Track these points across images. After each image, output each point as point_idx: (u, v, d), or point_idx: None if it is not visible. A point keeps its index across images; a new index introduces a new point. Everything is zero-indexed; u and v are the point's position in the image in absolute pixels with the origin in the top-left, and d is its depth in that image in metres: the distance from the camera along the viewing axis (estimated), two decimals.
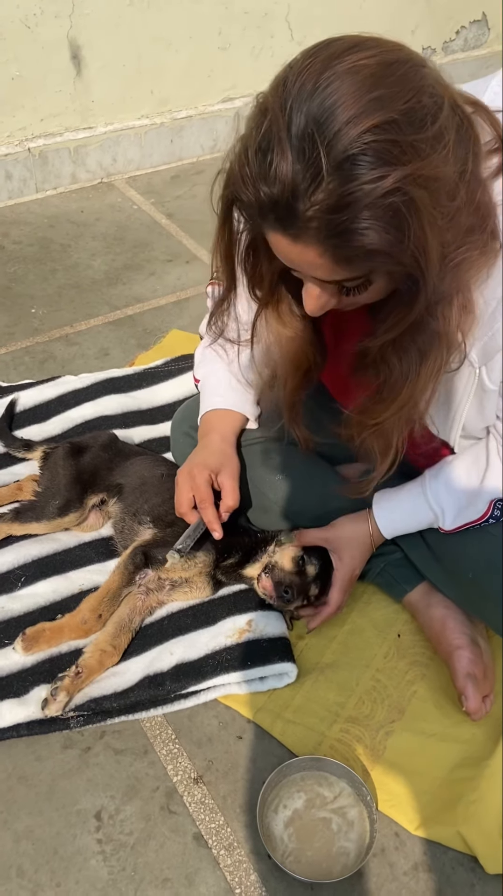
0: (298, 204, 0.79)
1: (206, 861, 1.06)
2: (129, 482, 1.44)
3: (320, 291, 0.92)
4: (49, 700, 1.16)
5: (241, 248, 0.98)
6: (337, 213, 0.78)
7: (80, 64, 2.53)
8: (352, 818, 1.09)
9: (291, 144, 0.77)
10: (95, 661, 1.22)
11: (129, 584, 1.30)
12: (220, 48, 2.79)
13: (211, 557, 1.32)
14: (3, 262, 2.32)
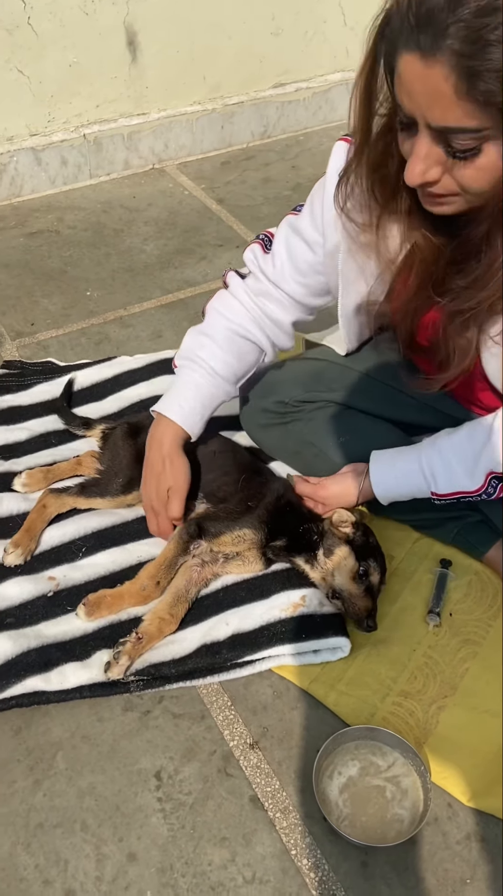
0: (442, 13, 0.82)
1: (263, 822, 1.09)
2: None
3: (428, 150, 0.92)
4: (112, 663, 1.21)
5: (373, 128, 1.01)
6: (478, 17, 0.80)
7: (136, 50, 2.56)
8: (406, 787, 1.11)
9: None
10: (154, 628, 1.26)
11: (184, 553, 1.34)
12: (272, 33, 2.80)
13: (259, 535, 1.35)
14: (59, 246, 2.37)
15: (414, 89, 0.88)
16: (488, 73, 0.82)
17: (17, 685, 1.19)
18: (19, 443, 1.63)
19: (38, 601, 1.32)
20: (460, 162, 0.91)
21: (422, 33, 0.83)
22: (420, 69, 0.85)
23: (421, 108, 0.89)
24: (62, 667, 1.21)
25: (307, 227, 1.28)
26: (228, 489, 1.42)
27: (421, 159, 0.92)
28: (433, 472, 1.28)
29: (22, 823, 1.09)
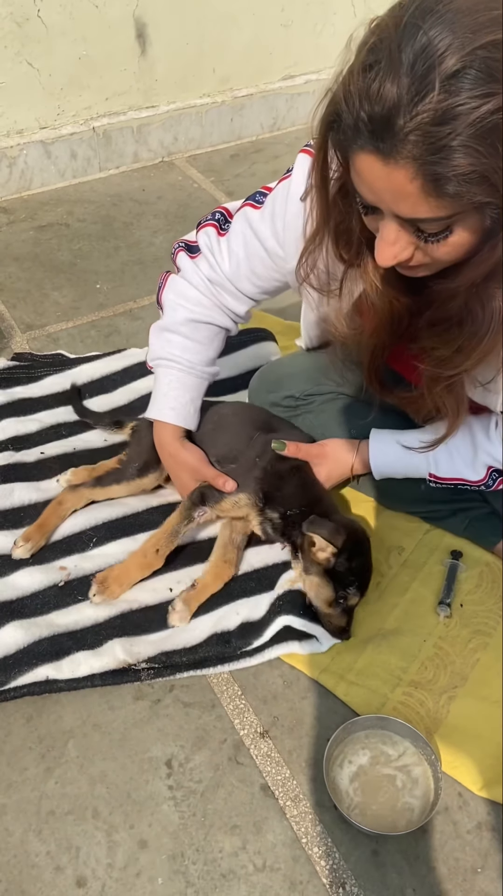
0: (398, 119, 0.77)
1: (273, 811, 1.09)
2: (199, 433, 1.46)
3: (397, 235, 0.89)
4: (170, 611, 1.28)
5: (331, 190, 0.98)
6: (438, 125, 0.75)
7: (145, 43, 2.56)
8: (417, 776, 1.11)
9: (401, 60, 0.76)
10: (210, 577, 1.32)
11: (187, 520, 1.34)
12: (282, 25, 2.79)
13: (254, 499, 1.34)
14: (69, 239, 2.38)
15: (377, 186, 0.85)
16: (456, 177, 0.78)
17: (29, 674, 1.19)
18: (30, 434, 1.64)
19: (49, 591, 1.32)
20: (431, 244, 0.88)
21: (378, 139, 0.79)
22: (381, 169, 0.82)
23: (387, 203, 0.86)
24: (74, 655, 1.22)
25: (267, 235, 1.24)
26: (238, 450, 1.41)
27: (390, 244, 0.90)
28: (436, 455, 1.28)
29: (34, 810, 1.09)
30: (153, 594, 1.33)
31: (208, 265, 1.33)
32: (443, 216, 0.84)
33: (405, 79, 0.75)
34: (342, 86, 0.82)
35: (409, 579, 1.40)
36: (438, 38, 0.74)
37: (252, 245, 1.27)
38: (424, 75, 0.75)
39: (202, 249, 1.34)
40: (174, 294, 1.38)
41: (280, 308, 2.08)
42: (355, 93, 0.80)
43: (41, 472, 1.54)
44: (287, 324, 2.00)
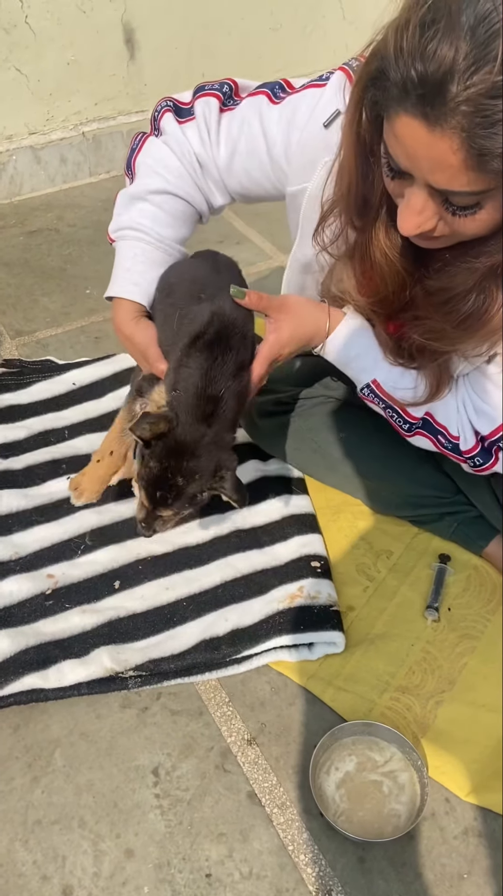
0: (451, 85, 0.74)
1: (260, 818, 1.09)
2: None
3: (425, 204, 0.86)
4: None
5: (363, 145, 0.92)
6: (493, 98, 0.73)
7: (134, 47, 2.56)
8: (403, 782, 1.11)
9: (461, 21, 0.72)
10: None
11: (130, 415, 1.29)
12: (271, 29, 2.79)
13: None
14: (59, 244, 2.38)
15: (416, 153, 0.82)
16: (499, 154, 0.77)
17: (16, 683, 1.19)
18: (18, 441, 1.63)
19: (36, 599, 1.32)
20: (459, 217, 0.86)
21: (427, 103, 0.76)
22: (424, 136, 0.79)
23: (422, 171, 0.83)
24: (60, 664, 1.22)
25: (277, 140, 1.13)
26: (170, 335, 1.19)
27: (416, 213, 0.87)
28: (393, 370, 1.20)
29: (20, 820, 1.09)
30: (141, 601, 1.33)
31: (200, 141, 1.19)
32: (478, 191, 0.82)
33: (464, 43, 0.72)
34: (393, 40, 0.77)
35: (398, 583, 1.40)
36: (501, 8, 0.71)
37: (257, 143, 1.15)
38: (485, 44, 0.72)
39: (197, 118, 1.18)
40: (152, 160, 1.22)
41: None
42: (408, 50, 0.76)
43: (29, 479, 1.54)
44: None
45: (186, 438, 1.08)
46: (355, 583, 1.40)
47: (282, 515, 1.49)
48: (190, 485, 1.09)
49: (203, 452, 1.08)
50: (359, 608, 1.36)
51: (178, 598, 1.34)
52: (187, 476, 1.08)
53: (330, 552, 1.44)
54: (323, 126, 1.07)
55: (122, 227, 1.26)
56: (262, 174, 1.19)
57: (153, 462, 1.09)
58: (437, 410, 1.21)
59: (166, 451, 1.08)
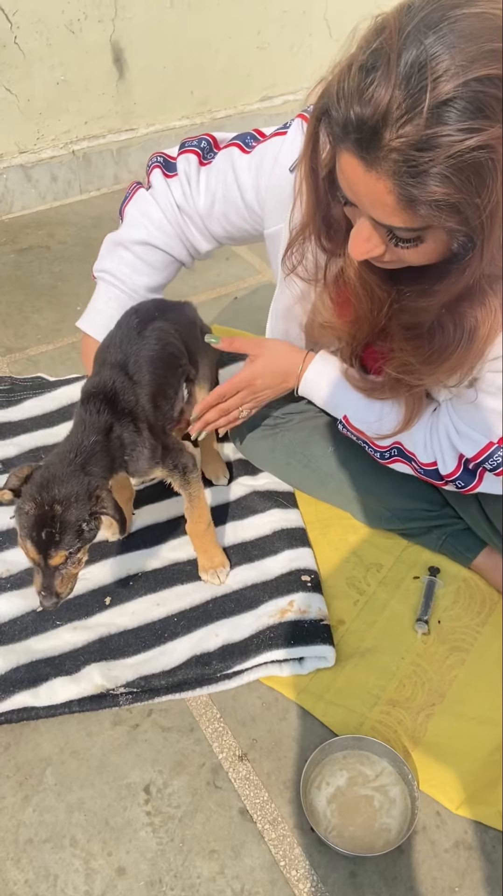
0: (385, 132, 0.77)
1: (252, 835, 1.09)
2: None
3: (370, 233, 0.90)
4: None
5: (321, 176, 0.97)
6: (421, 152, 0.76)
7: (123, 67, 2.58)
8: (394, 796, 1.11)
9: (398, 70, 0.75)
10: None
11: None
12: (258, 47, 2.83)
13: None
14: (50, 261, 2.39)
15: (357, 189, 0.86)
16: (428, 202, 0.80)
17: (6, 701, 1.19)
18: (9, 458, 1.64)
19: (26, 616, 1.32)
20: (402, 248, 0.90)
21: (363, 147, 0.80)
22: (362, 174, 0.83)
23: (363, 205, 0.87)
24: (51, 682, 1.22)
25: (248, 187, 1.23)
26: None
27: (364, 240, 0.91)
28: (359, 404, 1.26)
29: (11, 839, 1.09)
30: (132, 617, 1.33)
31: (182, 193, 1.31)
32: (416, 227, 0.85)
33: (398, 91, 0.75)
34: (337, 81, 0.82)
35: (388, 597, 1.40)
36: (437, 59, 0.74)
37: (231, 191, 1.25)
38: (417, 95, 0.75)
39: (179, 174, 1.30)
40: (138, 211, 1.34)
41: (260, 328, 2.10)
42: (349, 92, 0.80)
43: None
44: None
45: (52, 472, 1.10)
46: (345, 596, 1.40)
47: (272, 530, 1.49)
48: (69, 511, 1.06)
49: (71, 478, 1.09)
50: (349, 622, 1.36)
51: (168, 614, 1.34)
52: (62, 502, 1.06)
53: (320, 566, 1.44)
54: (289, 171, 1.14)
55: (104, 270, 1.39)
56: (240, 218, 1.28)
57: (27, 504, 1.07)
58: (404, 438, 1.25)
59: (36, 487, 1.08)
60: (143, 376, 1.24)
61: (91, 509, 1.09)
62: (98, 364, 1.27)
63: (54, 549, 1.06)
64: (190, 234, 1.35)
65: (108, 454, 1.17)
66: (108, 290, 1.39)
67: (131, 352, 1.25)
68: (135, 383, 1.23)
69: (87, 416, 1.17)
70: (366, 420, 1.28)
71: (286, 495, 1.56)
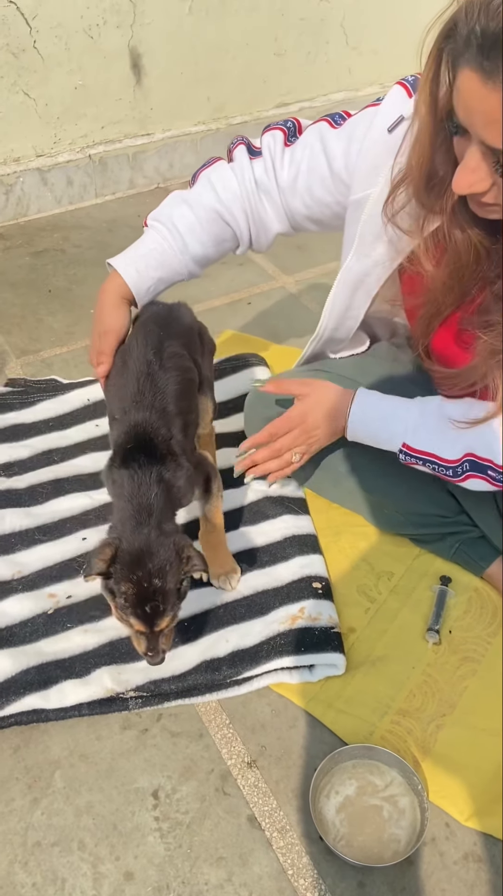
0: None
1: (260, 842, 1.09)
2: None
3: (478, 164, 0.89)
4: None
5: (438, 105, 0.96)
6: None
7: (140, 72, 2.60)
8: (404, 806, 1.10)
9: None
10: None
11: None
12: (275, 54, 2.84)
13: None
14: (64, 265, 2.40)
15: (471, 106, 0.86)
16: None
17: (16, 703, 1.19)
18: (21, 460, 1.65)
19: (37, 619, 1.32)
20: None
21: (484, 55, 0.81)
22: (479, 89, 0.84)
23: (475, 126, 0.87)
24: (61, 684, 1.22)
25: (338, 154, 1.21)
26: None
27: (470, 171, 0.91)
28: (417, 425, 1.24)
29: (20, 842, 1.09)
30: None
31: (263, 170, 1.29)
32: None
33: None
34: (465, 4, 0.84)
35: (399, 605, 1.40)
36: None
37: (317, 161, 1.24)
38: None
39: (263, 151, 1.29)
40: (215, 176, 1.32)
41: (274, 333, 2.11)
42: (477, 4, 0.82)
43: (32, 498, 1.55)
44: (281, 349, 2.02)
45: (137, 545, 1.09)
46: (356, 604, 1.40)
47: (283, 536, 1.49)
48: (167, 581, 1.08)
49: (158, 548, 1.09)
50: (360, 630, 1.36)
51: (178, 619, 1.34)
52: (160, 575, 1.07)
53: (331, 573, 1.44)
54: (387, 131, 1.13)
55: (160, 219, 1.34)
56: (324, 190, 1.25)
57: (124, 585, 1.07)
58: (477, 446, 1.21)
59: (128, 567, 1.07)
60: (171, 409, 1.22)
61: (184, 571, 1.10)
62: (118, 410, 1.24)
63: (160, 618, 1.08)
64: (263, 213, 1.31)
65: (169, 502, 1.16)
66: (155, 239, 1.33)
67: (157, 388, 1.22)
68: (166, 417, 1.21)
69: (137, 473, 1.14)
70: (432, 440, 1.23)
71: (298, 501, 1.56)
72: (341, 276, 1.30)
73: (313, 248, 2.49)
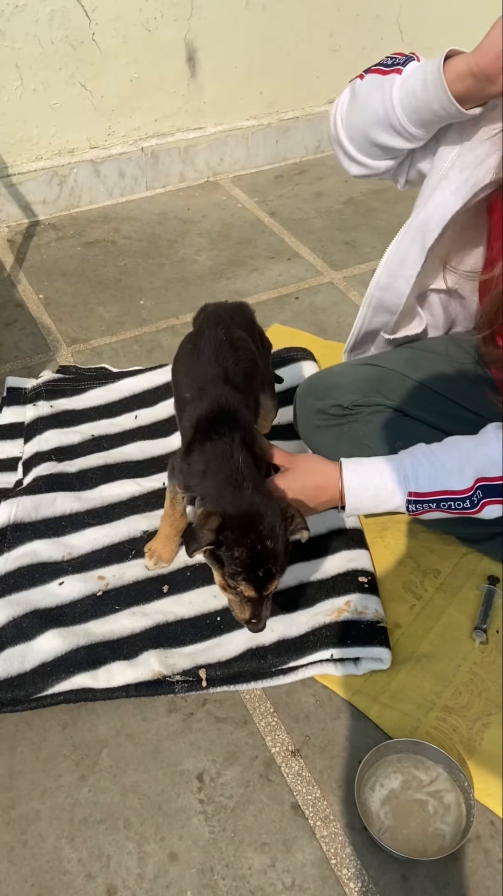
0: None
1: (303, 830, 1.09)
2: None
3: None
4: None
5: None
6: None
7: (195, 66, 2.61)
8: (449, 802, 1.10)
9: None
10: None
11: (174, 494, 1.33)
12: (330, 50, 2.83)
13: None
14: (115, 256, 2.43)
15: None
16: None
17: (66, 681, 1.21)
18: (72, 445, 1.67)
19: (87, 600, 1.34)
20: None
21: None
22: None
23: None
24: (109, 665, 1.24)
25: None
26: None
27: None
28: (416, 470, 1.23)
29: (67, 818, 1.11)
30: (189, 607, 1.35)
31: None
32: None
33: None
34: None
35: (445, 603, 1.39)
36: None
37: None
38: None
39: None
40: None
41: (321, 328, 2.10)
42: None
43: (82, 483, 1.57)
44: (327, 343, 2.02)
45: (244, 509, 1.09)
46: (402, 600, 1.39)
47: (328, 529, 1.49)
48: (278, 542, 1.08)
49: (265, 509, 1.09)
50: (405, 626, 1.35)
51: (224, 606, 1.34)
52: (271, 536, 1.07)
53: (376, 568, 1.44)
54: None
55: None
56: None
57: (237, 550, 1.06)
58: (487, 467, 1.20)
59: (240, 532, 1.07)
60: (244, 386, 1.23)
61: (290, 531, 1.11)
62: (190, 388, 1.25)
63: (271, 581, 1.08)
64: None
65: (256, 465, 1.16)
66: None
67: (228, 365, 1.24)
68: (240, 393, 1.21)
69: (222, 441, 1.14)
70: (437, 477, 1.22)
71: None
72: (403, 229, 1.30)
73: (361, 244, 2.48)
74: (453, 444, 1.25)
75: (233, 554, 1.07)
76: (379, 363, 1.49)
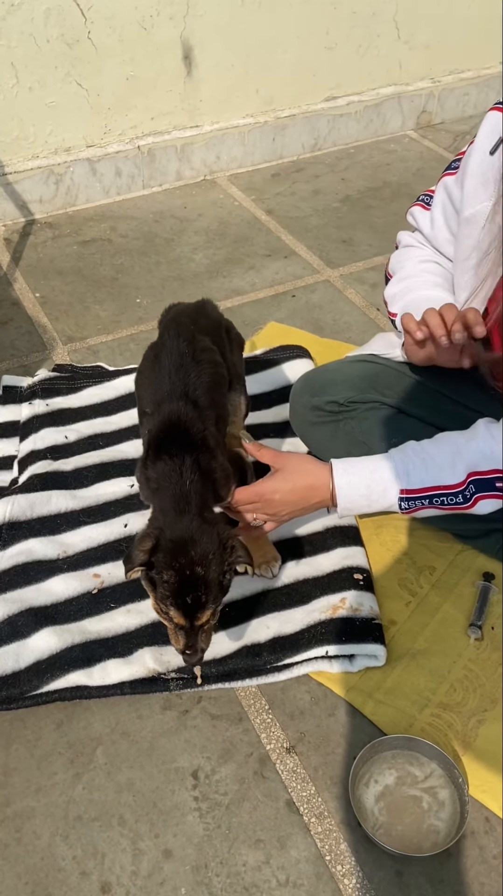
0: None
1: (298, 827, 1.09)
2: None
3: None
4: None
5: None
6: None
7: (191, 64, 2.61)
8: (443, 798, 1.10)
9: None
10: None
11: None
12: (326, 48, 2.83)
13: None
14: (111, 254, 2.43)
15: None
16: None
17: (61, 679, 1.21)
18: (68, 444, 1.67)
19: (82, 598, 1.35)
20: None
21: None
22: None
23: None
24: (104, 663, 1.24)
25: (456, 190, 1.33)
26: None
27: None
28: (407, 467, 1.22)
29: (61, 815, 1.11)
30: None
31: (413, 237, 1.48)
32: None
33: None
34: None
35: (440, 600, 1.39)
36: None
37: (448, 209, 1.37)
38: None
39: (409, 222, 1.48)
40: (397, 257, 1.47)
41: (317, 326, 2.10)
42: None
43: (78, 481, 1.57)
44: (323, 341, 2.02)
45: (179, 533, 1.07)
46: (397, 597, 1.39)
47: (324, 527, 1.49)
48: (210, 570, 1.05)
49: (199, 536, 1.07)
50: (400, 623, 1.35)
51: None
52: (203, 563, 1.05)
53: (372, 566, 1.44)
54: (488, 153, 1.20)
55: (400, 298, 1.41)
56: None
57: (165, 573, 1.05)
58: (478, 460, 1.19)
59: (170, 555, 1.05)
60: (203, 401, 1.20)
61: (229, 562, 1.08)
62: (150, 402, 1.23)
63: (201, 610, 1.05)
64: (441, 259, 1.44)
65: (208, 491, 1.14)
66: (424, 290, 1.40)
67: (189, 380, 1.21)
68: (199, 409, 1.19)
69: (173, 461, 1.12)
70: (429, 472, 1.22)
71: None
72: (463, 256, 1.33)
73: (358, 242, 2.48)
74: (444, 439, 1.25)
75: (163, 577, 1.05)
76: (374, 360, 1.49)
